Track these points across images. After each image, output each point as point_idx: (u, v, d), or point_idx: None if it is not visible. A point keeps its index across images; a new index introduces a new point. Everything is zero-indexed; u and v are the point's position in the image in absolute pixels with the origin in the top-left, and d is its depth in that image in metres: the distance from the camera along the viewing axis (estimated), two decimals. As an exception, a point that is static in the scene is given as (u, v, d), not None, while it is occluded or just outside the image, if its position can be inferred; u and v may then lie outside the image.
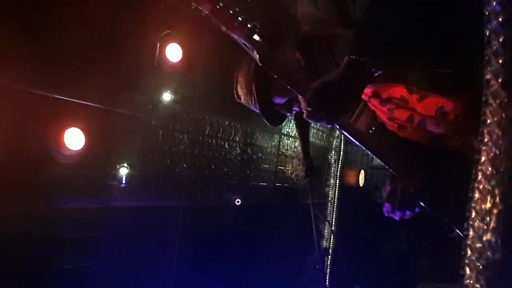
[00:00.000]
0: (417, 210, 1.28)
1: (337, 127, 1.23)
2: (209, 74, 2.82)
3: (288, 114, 1.48)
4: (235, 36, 0.96)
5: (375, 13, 1.00)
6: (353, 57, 0.99)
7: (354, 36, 1.03)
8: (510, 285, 0.57)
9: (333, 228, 4.57)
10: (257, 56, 1.01)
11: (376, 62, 1.00)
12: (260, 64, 1.04)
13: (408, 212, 1.28)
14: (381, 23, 1.00)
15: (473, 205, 0.58)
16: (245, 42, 0.99)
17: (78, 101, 2.02)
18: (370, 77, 1.03)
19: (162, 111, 2.52)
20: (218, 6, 0.88)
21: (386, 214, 1.32)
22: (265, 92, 1.31)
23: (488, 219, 0.56)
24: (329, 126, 1.13)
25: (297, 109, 1.39)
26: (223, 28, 0.93)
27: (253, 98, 1.31)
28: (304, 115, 1.05)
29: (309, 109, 1.02)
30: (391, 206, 1.29)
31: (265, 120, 1.39)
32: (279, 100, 1.35)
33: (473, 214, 0.58)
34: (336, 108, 1.04)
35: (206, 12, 0.88)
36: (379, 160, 1.31)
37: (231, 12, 0.90)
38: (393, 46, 1.01)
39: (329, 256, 4.16)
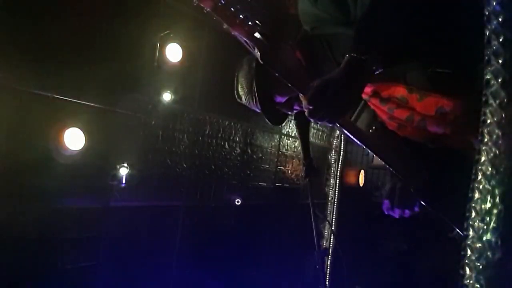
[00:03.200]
0: (416, 209, 1.28)
1: (338, 126, 1.23)
2: (209, 74, 2.82)
3: (289, 113, 1.47)
4: (236, 34, 0.96)
5: (376, 11, 1.00)
6: (354, 55, 0.99)
7: (355, 34, 1.03)
8: (510, 285, 0.57)
9: (333, 228, 4.57)
10: (258, 54, 1.01)
11: (377, 60, 1.00)
12: (261, 62, 1.03)
13: (407, 210, 1.28)
14: (382, 21, 1.00)
15: (473, 205, 0.58)
16: (246, 40, 0.98)
17: (78, 101, 2.02)
18: (371, 75, 1.03)
19: (162, 111, 2.52)
20: (219, 4, 0.88)
21: (385, 212, 1.32)
22: (266, 91, 1.31)
23: (488, 219, 0.56)
24: (330, 125, 1.12)
25: (298, 108, 1.39)
26: (224, 26, 0.93)
27: (254, 97, 1.31)
28: (306, 114, 1.05)
29: (310, 107, 1.02)
30: (390, 203, 1.29)
31: (266, 120, 1.39)
32: (280, 99, 1.35)
33: (473, 214, 0.58)
34: (337, 107, 1.04)
35: (208, 9, 0.88)
36: (379, 160, 1.31)
37: (232, 9, 0.90)
38: (393, 44, 1.01)
39: (329, 256, 4.16)
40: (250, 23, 0.94)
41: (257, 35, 0.97)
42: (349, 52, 1.00)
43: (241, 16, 0.92)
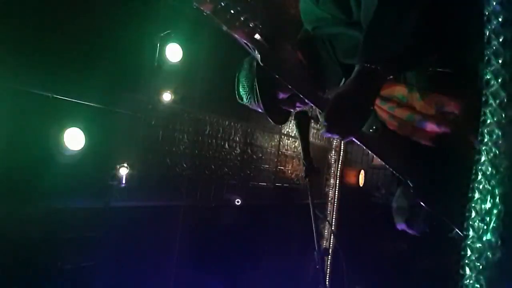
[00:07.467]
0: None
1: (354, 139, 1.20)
2: (209, 74, 2.82)
3: (292, 110, 1.46)
4: (236, 36, 0.96)
5: (383, 18, 0.97)
6: (365, 65, 0.97)
7: (363, 42, 1.00)
8: (510, 285, 0.57)
9: (333, 228, 4.57)
10: (259, 56, 1.01)
11: (388, 68, 0.98)
12: (262, 64, 1.03)
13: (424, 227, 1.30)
14: (390, 27, 0.97)
15: (473, 205, 0.58)
16: (247, 42, 0.98)
17: (78, 101, 2.02)
18: (382, 83, 1.02)
19: (162, 111, 2.52)
20: (219, 6, 0.88)
21: (399, 228, 1.33)
22: (268, 89, 1.30)
23: (488, 219, 0.56)
24: (346, 140, 1.10)
25: (300, 106, 1.38)
26: (224, 28, 0.93)
27: (256, 96, 1.30)
28: (322, 131, 1.03)
29: (326, 124, 1.01)
30: (409, 226, 1.30)
31: (268, 119, 1.38)
32: (283, 95, 1.34)
33: (473, 214, 0.58)
34: (354, 121, 1.03)
35: (208, 12, 0.88)
36: (379, 160, 1.30)
37: (232, 12, 0.90)
38: (402, 49, 1.00)
39: (329, 256, 4.16)
40: (250, 25, 0.94)
41: (257, 37, 0.97)
42: (360, 62, 0.98)
43: (241, 18, 0.92)
